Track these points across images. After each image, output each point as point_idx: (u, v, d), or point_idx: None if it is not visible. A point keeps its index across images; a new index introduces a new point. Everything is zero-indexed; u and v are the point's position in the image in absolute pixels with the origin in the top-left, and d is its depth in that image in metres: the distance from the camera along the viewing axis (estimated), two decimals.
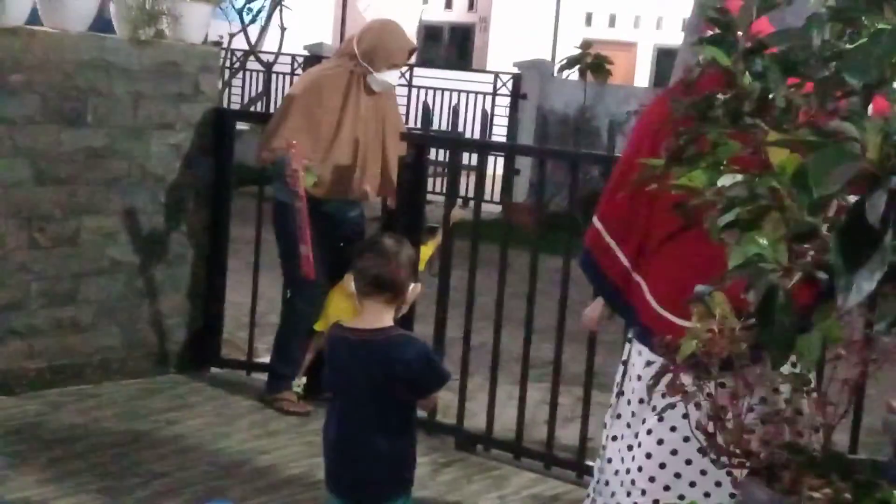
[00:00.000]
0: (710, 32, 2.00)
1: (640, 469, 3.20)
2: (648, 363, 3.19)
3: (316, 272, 4.79)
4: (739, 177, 1.77)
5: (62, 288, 5.01)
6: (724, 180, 1.80)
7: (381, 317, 3.13)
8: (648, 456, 3.19)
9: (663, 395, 2.08)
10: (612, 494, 3.32)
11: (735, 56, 1.89)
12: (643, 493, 3.18)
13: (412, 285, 3.17)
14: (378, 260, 3.12)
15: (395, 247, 3.17)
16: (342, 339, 3.17)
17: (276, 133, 4.91)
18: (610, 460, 3.36)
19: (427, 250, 5.05)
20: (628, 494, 3.23)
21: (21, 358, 4.91)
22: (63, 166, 4.93)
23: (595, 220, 3.34)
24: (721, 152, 1.89)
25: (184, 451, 4.46)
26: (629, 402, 3.34)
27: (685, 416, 2.18)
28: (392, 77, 5.02)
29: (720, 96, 1.90)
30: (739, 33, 1.89)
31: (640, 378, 3.27)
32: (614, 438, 3.37)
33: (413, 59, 5.33)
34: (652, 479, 3.19)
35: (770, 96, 1.84)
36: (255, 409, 5.06)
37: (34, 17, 4.90)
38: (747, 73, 1.88)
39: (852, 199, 1.49)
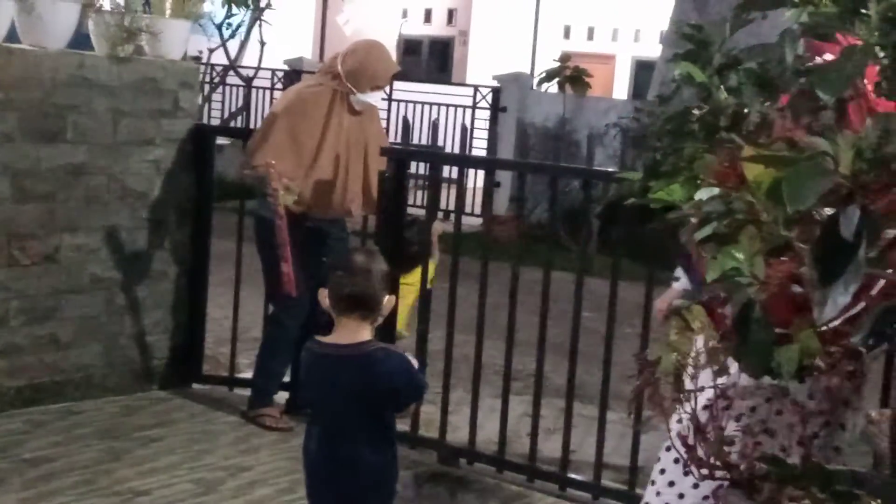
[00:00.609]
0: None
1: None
2: None
3: (299, 288, 4.79)
4: (716, 190, 1.79)
5: (42, 305, 4.99)
6: (701, 194, 1.82)
7: (359, 332, 3.12)
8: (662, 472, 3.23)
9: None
10: None
11: (710, 71, 1.92)
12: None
13: (386, 298, 3.17)
14: (350, 278, 3.12)
15: (366, 263, 3.16)
16: (321, 356, 3.17)
17: (259, 150, 4.91)
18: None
19: (430, 267, 5.05)
20: None
21: (1, 376, 4.88)
22: (43, 183, 4.91)
23: None
24: (698, 166, 1.91)
25: (166, 469, 4.44)
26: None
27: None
28: (374, 98, 5.04)
29: (696, 111, 1.92)
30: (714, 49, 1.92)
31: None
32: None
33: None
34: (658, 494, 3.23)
35: (745, 111, 1.86)
36: (238, 426, 5.05)
37: (12, 35, 4.89)
38: (722, 88, 1.90)
39: (827, 212, 1.51)
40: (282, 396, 5.23)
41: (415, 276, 5.08)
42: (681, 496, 3.18)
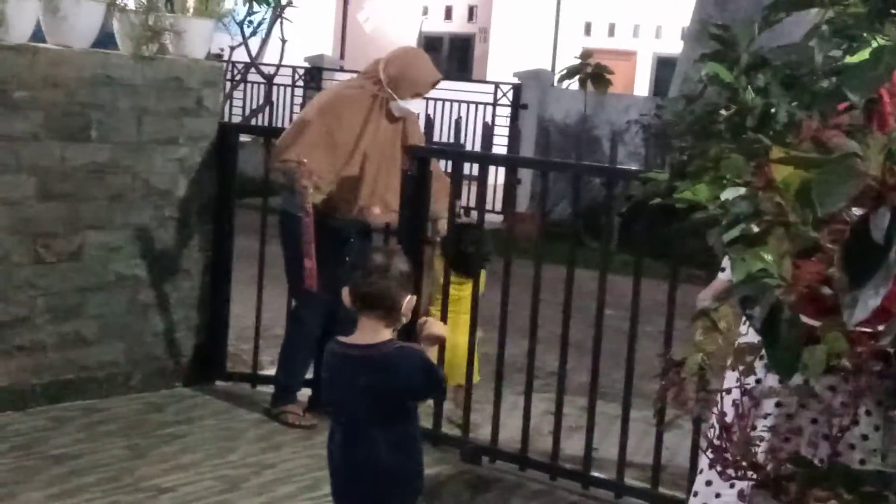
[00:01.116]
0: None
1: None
2: None
3: (322, 286, 4.80)
4: (742, 190, 1.78)
5: (67, 303, 5.02)
6: (727, 194, 1.81)
7: (379, 332, 3.12)
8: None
9: None
10: None
11: (737, 71, 1.91)
12: None
13: (407, 298, 3.15)
14: (368, 277, 3.12)
15: (384, 262, 3.15)
16: (342, 356, 3.17)
17: (292, 146, 4.92)
18: None
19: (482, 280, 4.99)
20: None
21: (27, 373, 4.92)
22: (67, 182, 4.95)
23: None
24: (724, 167, 1.91)
25: (190, 466, 4.47)
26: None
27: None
28: (415, 105, 5.05)
29: (723, 111, 1.92)
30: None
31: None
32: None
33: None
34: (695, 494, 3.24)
35: (772, 111, 1.85)
36: (261, 423, 5.07)
37: (38, 35, 4.92)
38: (749, 88, 1.89)
39: (857, 212, 1.50)
40: (304, 394, 5.24)
41: (467, 287, 5.02)
42: (717, 496, 3.18)
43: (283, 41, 11.00)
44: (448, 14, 22.54)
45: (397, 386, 3.09)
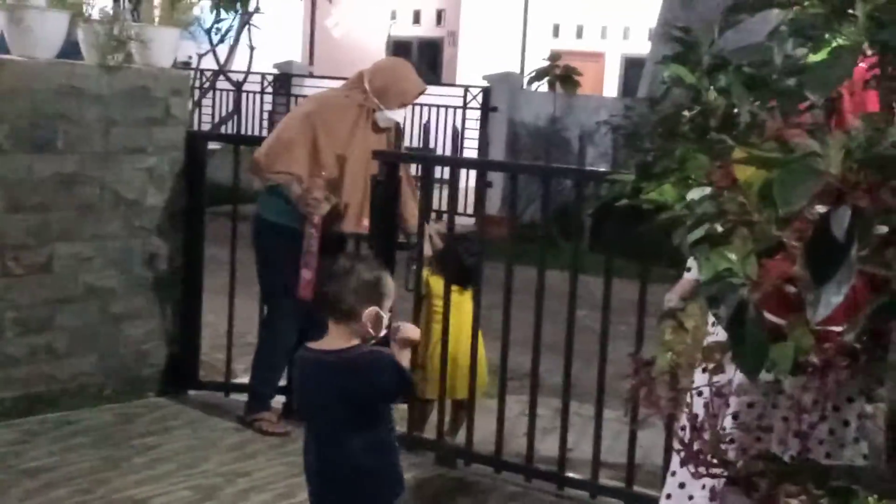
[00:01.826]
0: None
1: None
2: None
3: (295, 292, 4.80)
4: (707, 190, 1.79)
5: (37, 315, 4.99)
6: (693, 194, 1.83)
7: (345, 338, 3.11)
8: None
9: None
10: None
11: (699, 73, 1.93)
12: None
13: (369, 309, 3.10)
14: (329, 280, 3.12)
15: (346, 267, 3.14)
16: (313, 361, 3.17)
17: (283, 156, 4.91)
18: None
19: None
20: None
21: None
22: (35, 193, 4.91)
23: None
24: (689, 167, 1.92)
25: (163, 476, 4.45)
26: None
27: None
28: (399, 115, 5.06)
29: (686, 112, 1.93)
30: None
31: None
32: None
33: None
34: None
35: (735, 111, 1.87)
36: (235, 431, 5.05)
37: (1, 46, 4.89)
38: (712, 88, 1.91)
39: (819, 211, 1.52)
40: (279, 401, 5.23)
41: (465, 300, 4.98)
42: (690, 497, 3.20)
43: (252, 48, 10.96)
44: (416, 18, 22.55)
45: (368, 389, 3.09)
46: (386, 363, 3.13)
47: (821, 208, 1.50)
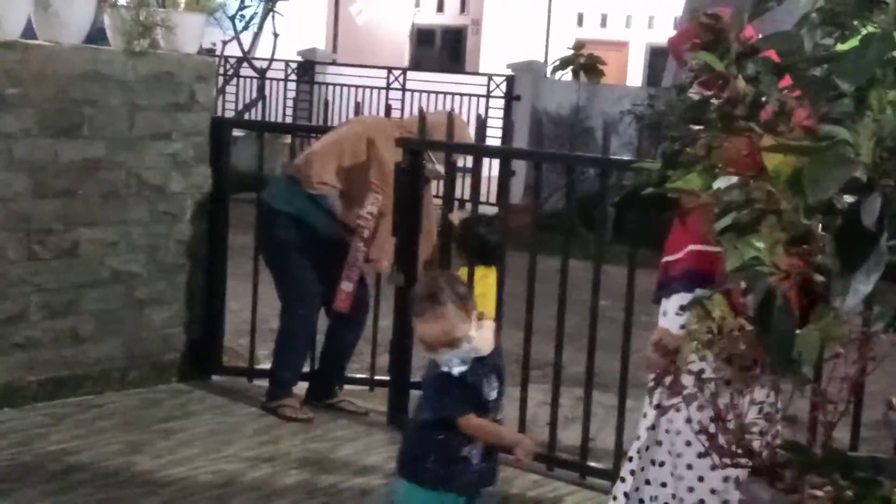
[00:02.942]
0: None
1: None
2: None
3: (310, 282, 4.87)
4: (734, 179, 1.78)
5: (62, 299, 5.02)
6: (719, 182, 1.82)
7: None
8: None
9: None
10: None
11: (728, 60, 1.91)
12: None
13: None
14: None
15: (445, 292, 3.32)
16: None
17: (331, 168, 4.95)
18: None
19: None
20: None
21: (22, 370, 4.92)
22: (60, 178, 4.94)
23: None
24: (716, 155, 1.91)
25: (187, 460, 4.47)
26: None
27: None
28: (441, 168, 5.07)
29: (714, 100, 1.92)
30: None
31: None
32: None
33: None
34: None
35: (763, 99, 1.86)
36: (257, 417, 5.07)
37: (29, 31, 4.91)
38: (740, 77, 1.90)
39: (848, 200, 1.51)
40: (301, 387, 5.25)
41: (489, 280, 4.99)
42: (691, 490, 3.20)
43: (276, 35, 10.98)
44: (440, 6, 22.52)
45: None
46: (435, 381, 3.43)
47: (849, 199, 1.49)
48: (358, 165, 4.97)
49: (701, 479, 3.22)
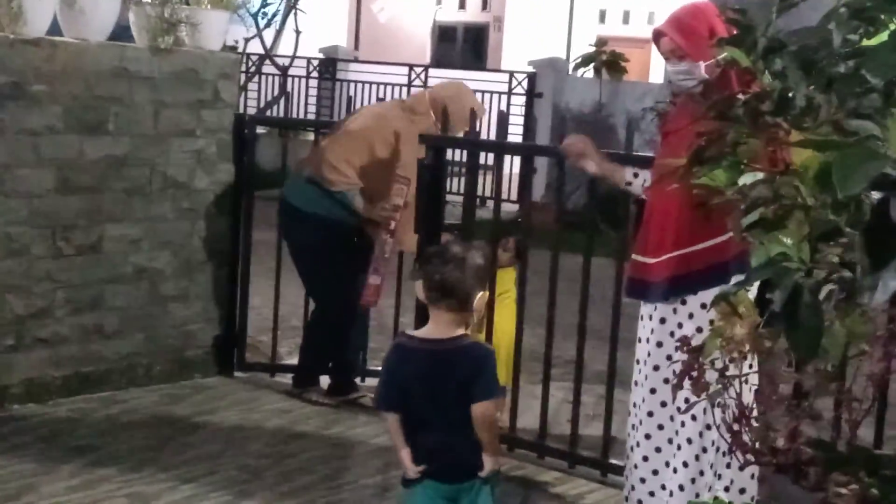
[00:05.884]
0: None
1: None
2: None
3: (340, 276, 4.94)
4: (760, 175, 1.78)
5: (87, 295, 5.05)
6: (745, 178, 1.81)
7: (451, 326, 3.09)
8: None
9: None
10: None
11: (754, 55, 1.90)
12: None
13: (480, 294, 3.12)
14: (443, 265, 3.09)
15: (461, 252, 3.13)
16: (411, 350, 3.14)
17: (353, 162, 4.99)
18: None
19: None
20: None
21: (48, 366, 4.95)
22: (86, 175, 4.97)
23: None
24: (742, 151, 1.91)
25: (210, 456, 4.49)
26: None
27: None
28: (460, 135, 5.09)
29: (740, 96, 1.91)
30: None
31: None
32: None
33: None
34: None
35: (790, 95, 1.85)
36: (281, 412, 5.09)
37: (54, 28, 4.94)
38: (767, 72, 1.89)
39: (876, 196, 1.50)
40: (324, 381, 5.31)
41: (507, 284, 4.99)
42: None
43: (298, 32, 10.97)
44: (462, 3, 22.50)
45: (473, 378, 3.06)
46: (489, 357, 3.12)
47: (877, 195, 1.48)
48: (378, 160, 4.98)
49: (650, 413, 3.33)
